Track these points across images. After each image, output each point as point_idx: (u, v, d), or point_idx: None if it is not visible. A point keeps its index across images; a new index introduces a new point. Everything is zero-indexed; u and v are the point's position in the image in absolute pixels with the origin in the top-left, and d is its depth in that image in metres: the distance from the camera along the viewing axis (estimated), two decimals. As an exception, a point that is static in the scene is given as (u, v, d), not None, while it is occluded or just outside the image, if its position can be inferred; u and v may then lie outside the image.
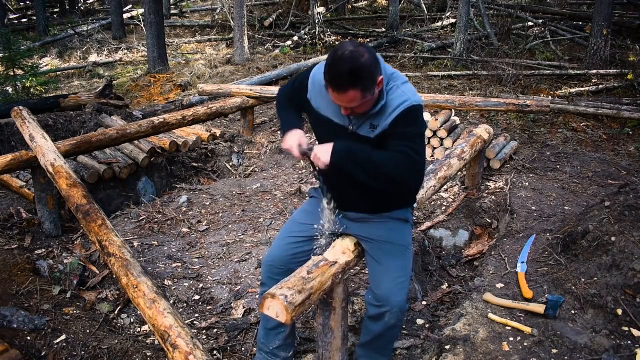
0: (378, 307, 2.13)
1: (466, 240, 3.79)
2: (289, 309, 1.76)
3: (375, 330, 2.20)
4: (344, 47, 1.82)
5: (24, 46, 9.73)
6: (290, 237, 2.28)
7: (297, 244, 2.25)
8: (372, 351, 2.31)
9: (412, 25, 12.13)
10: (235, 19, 9.53)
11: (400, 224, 2.21)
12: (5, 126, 5.22)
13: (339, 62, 1.79)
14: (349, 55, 1.78)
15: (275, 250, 2.28)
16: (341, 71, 1.78)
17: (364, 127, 1.99)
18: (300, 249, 2.24)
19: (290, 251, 2.24)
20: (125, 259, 2.42)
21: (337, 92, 1.83)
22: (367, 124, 1.98)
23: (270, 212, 4.09)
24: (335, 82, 1.81)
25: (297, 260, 2.21)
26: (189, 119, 4.96)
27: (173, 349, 1.89)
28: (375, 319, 2.16)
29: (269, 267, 2.27)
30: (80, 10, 16.71)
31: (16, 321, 2.60)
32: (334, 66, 1.80)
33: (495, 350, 2.30)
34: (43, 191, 3.71)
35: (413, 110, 1.93)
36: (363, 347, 2.34)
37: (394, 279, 2.10)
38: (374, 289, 2.15)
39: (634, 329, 2.33)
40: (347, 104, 1.87)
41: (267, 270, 2.28)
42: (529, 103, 4.57)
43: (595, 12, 7.65)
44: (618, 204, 2.89)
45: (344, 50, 1.80)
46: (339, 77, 1.79)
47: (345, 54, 1.79)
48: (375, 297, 2.14)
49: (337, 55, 1.80)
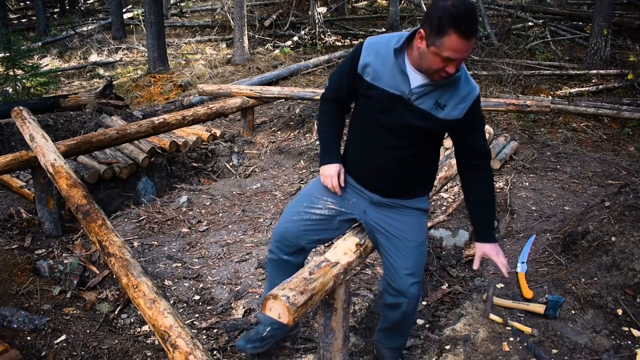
0: (395, 297, 2.19)
1: (466, 240, 3.78)
2: (291, 309, 1.76)
3: (393, 317, 2.27)
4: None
5: (24, 46, 9.72)
6: (305, 212, 2.25)
7: (312, 222, 2.24)
8: (392, 333, 2.40)
9: (412, 25, 12.12)
10: (235, 19, 9.53)
11: (419, 216, 2.22)
12: (5, 126, 5.22)
13: (466, 8, 1.75)
14: (468, 2, 1.77)
15: (289, 223, 2.26)
16: (474, 16, 1.77)
17: (426, 101, 1.96)
18: (313, 226, 2.24)
19: (302, 227, 2.23)
20: (125, 259, 2.42)
21: (466, 38, 1.77)
22: (432, 99, 1.96)
23: (270, 212, 4.09)
24: (467, 27, 1.76)
25: (307, 237, 2.24)
26: (189, 119, 4.96)
27: (173, 349, 1.89)
28: (393, 307, 2.23)
29: (280, 237, 2.27)
30: (80, 10, 16.71)
31: (16, 321, 2.60)
32: (464, 11, 1.75)
33: (495, 350, 2.30)
34: (43, 191, 3.70)
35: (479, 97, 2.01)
36: (382, 331, 2.42)
37: (409, 274, 2.14)
38: (389, 281, 2.18)
39: (634, 329, 2.33)
40: (466, 53, 1.82)
41: (276, 240, 2.28)
42: (529, 103, 4.57)
43: (595, 12, 7.65)
44: (618, 204, 2.89)
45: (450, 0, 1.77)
46: (472, 22, 1.77)
47: (465, 1, 1.76)
48: (392, 287, 2.18)
49: (451, 5, 1.75)
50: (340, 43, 10.94)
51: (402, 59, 1.96)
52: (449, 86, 1.95)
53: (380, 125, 2.05)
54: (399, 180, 2.14)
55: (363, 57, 2.01)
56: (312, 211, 2.24)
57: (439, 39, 1.79)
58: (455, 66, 1.85)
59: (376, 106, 2.03)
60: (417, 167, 2.15)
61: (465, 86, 1.97)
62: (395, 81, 1.96)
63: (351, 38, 11.28)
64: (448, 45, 1.78)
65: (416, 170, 2.15)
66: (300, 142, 5.53)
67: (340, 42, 11.04)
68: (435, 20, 1.78)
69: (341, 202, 2.24)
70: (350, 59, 2.08)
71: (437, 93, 1.95)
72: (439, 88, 1.95)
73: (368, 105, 2.07)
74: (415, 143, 2.06)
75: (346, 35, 11.47)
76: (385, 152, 2.09)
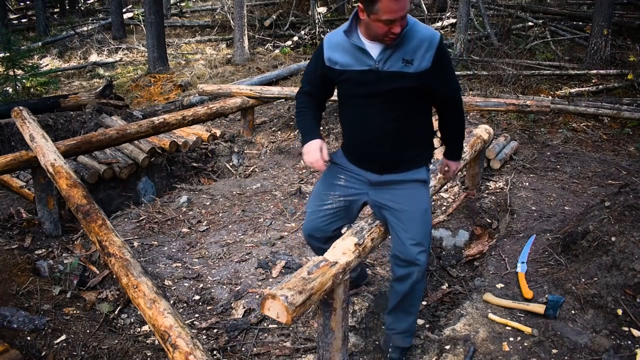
0: (404, 268, 2.30)
1: (466, 240, 3.78)
2: (290, 309, 1.76)
3: (403, 289, 2.36)
4: None
5: (24, 46, 9.72)
6: (319, 210, 2.43)
7: (329, 216, 2.41)
8: (401, 312, 2.46)
9: (412, 25, 12.12)
10: (235, 19, 9.54)
11: (418, 187, 2.34)
12: (5, 126, 5.22)
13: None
14: None
15: (309, 222, 2.47)
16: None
17: (394, 63, 2.08)
18: (332, 218, 2.42)
19: (323, 222, 2.42)
20: (125, 259, 2.42)
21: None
22: (397, 58, 2.08)
23: (270, 212, 4.09)
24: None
25: (330, 228, 2.42)
26: (189, 119, 4.96)
27: (173, 349, 1.89)
28: (403, 279, 2.33)
29: (308, 234, 2.49)
30: (80, 10, 16.71)
31: (16, 321, 2.60)
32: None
33: (495, 350, 2.30)
34: (43, 191, 3.70)
35: (443, 42, 2.10)
36: (391, 313, 2.50)
37: (415, 244, 2.24)
38: (398, 253, 2.29)
39: (634, 329, 2.33)
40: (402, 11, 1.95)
41: (307, 236, 2.51)
42: (529, 103, 4.57)
43: (595, 12, 7.65)
44: (618, 204, 2.89)
45: None
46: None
47: None
48: (400, 259, 2.29)
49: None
50: (340, 43, 10.93)
51: (355, 37, 2.11)
52: (407, 41, 2.06)
53: (362, 100, 2.20)
54: (391, 152, 2.27)
55: (326, 52, 2.20)
56: (325, 207, 2.41)
57: (374, 6, 1.94)
58: (399, 25, 1.98)
59: (353, 86, 2.18)
60: (406, 134, 2.26)
61: (425, 35, 2.08)
62: (359, 59, 2.12)
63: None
64: (383, 9, 1.92)
65: (406, 138, 2.26)
66: (300, 142, 5.53)
67: None
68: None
69: (346, 192, 2.40)
70: (315, 56, 2.28)
71: (400, 52, 2.07)
72: (398, 47, 2.07)
73: (345, 88, 2.24)
74: (398, 107, 2.18)
75: (346, 35, 11.45)
76: (373, 124, 2.22)
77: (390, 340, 2.52)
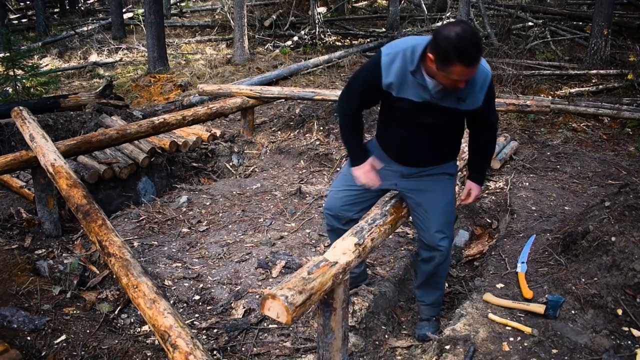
0: (428, 252, 2.54)
1: (466, 240, 3.78)
2: (290, 309, 1.76)
3: (428, 269, 2.62)
4: (451, 29, 1.95)
5: (24, 46, 9.72)
6: (344, 189, 2.60)
7: (352, 197, 2.59)
8: (429, 287, 2.73)
9: (412, 25, 12.13)
10: (235, 19, 9.54)
11: (445, 180, 2.52)
12: (5, 126, 5.22)
13: (469, 38, 1.93)
14: (470, 31, 1.95)
15: (331, 200, 2.65)
16: (476, 46, 1.95)
17: (448, 100, 2.20)
18: (355, 200, 2.59)
19: (346, 202, 2.60)
20: (125, 259, 2.42)
21: (471, 66, 1.98)
22: (453, 96, 2.19)
23: (270, 212, 4.09)
24: (471, 58, 1.95)
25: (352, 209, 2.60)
26: (189, 119, 4.96)
27: (173, 349, 1.89)
28: (427, 261, 2.58)
29: (328, 211, 2.66)
30: (80, 10, 16.72)
31: (16, 321, 2.60)
32: (467, 43, 1.93)
33: (495, 350, 2.30)
34: (43, 191, 3.71)
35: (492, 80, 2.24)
36: (420, 287, 2.78)
37: (438, 231, 2.45)
38: (422, 239, 2.53)
39: (634, 329, 2.33)
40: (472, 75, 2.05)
41: (327, 214, 2.67)
42: (529, 103, 4.57)
43: (595, 12, 7.65)
44: (618, 204, 2.89)
45: (455, 30, 1.94)
46: (476, 52, 1.96)
47: (460, 32, 1.93)
48: (424, 244, 2.53)
49: (454, 37, 1.92)
50: (340, 43, 10.94)
51: (420, 75, 2.16)
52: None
53: (411, 123, 2.32)
54: (427, 155, 2.45)
55: (384, 78, 2.21)
56: (351, 189, 2.58)
57: (447, 68, 1.99)
58: (465, 82, 2.07)
59: (406, 111, 2.27)
60: (445, 144, 2.46)
61: (479, 75, 2.16)
62: (417, 92, 2.20)
63: (351, 38, 11.27)
64: (455, 72, 1.99)
65: (444, 146, 2.46)
66: (300, 142, 5.53)
67: (340, 42, 11.04)
68: (441, 51, 1.97)
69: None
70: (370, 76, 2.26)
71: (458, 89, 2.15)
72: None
73: (398, 110, 2.31)
74: (443, 130, 2.37)
75: (346, 35, 11.46)
76: (416, 139, 2.38)
77: (421, 310, 2.83)
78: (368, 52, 9.80)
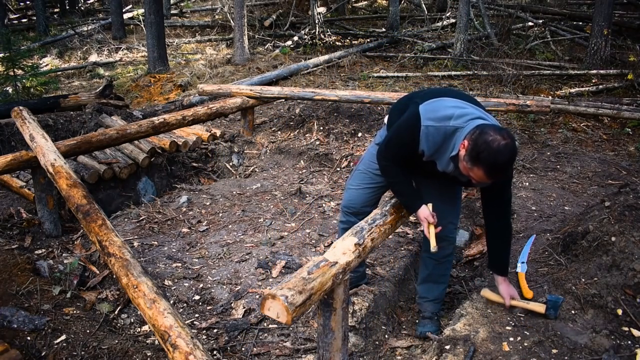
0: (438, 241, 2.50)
1: (466, 240, 3.79)
2: (290, 309, 1.76)
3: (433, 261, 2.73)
4: (496, 137, 1.99)
5: (24, 46, 9.72)
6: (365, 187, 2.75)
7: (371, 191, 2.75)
8: (432, 282, 2.81)
9: (412, 25, 12.13)
10: (235, 19, 9.54)
11: None
12: (5, 126, 5.22)
13: (507, 157, 2.00)
14: (512, 149, 2.01)
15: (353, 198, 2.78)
16: (502, 163, 2.02)
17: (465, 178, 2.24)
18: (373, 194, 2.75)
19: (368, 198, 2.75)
20: (125, 259, 2.42)
21: (493, 179, 2.07)
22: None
23: (270, 212, 4.09)
24: (498, 173, 2.05)
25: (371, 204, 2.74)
26: (189, 119, 4.96)
27: (173, 349, 1.89)
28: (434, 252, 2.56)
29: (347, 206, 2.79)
30: (80, 10, 16.72)
31: (16, 321, 2.60)
32: (503, 161, 2.00)
33: (495, 350, 2.30)
34: (43, 191, 3.70)
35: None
36: (423, 283, 2.85)
37: (448, 222, 2.57)
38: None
39: (634, 329, 2.33)
40: (489, 183, 2.15)
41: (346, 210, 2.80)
42: (529, 103, 4.57)
43: (595, 12, 7.65)
44: (618, 204, 2.89)
45: (499, 143, 1.98)
46: (504, 170, 2.06)
47: (502, 146, 1.98)
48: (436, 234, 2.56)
49: (494, 149, 1.98)
50: (340, 43, 10.94)
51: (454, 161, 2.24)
52: None
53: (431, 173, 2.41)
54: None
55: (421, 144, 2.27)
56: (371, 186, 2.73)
57: (472, 164, 2.06)
58: (476, 182, 2.16)
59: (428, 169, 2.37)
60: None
61: None
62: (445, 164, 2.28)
63: (351, 38, 11.27)
64: (476, 173, 2.07)
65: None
66: (300, 142, 5.53)
67: (340, 42, 11.04)
68: (476, 149, 2.03)
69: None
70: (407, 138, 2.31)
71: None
72: None
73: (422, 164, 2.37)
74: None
75: (346, 35, 11.46)
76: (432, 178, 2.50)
77: (422, 307, 2.87)
78: (368, 52, 9.80)
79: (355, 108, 5.71)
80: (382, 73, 8.34)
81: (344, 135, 5.43)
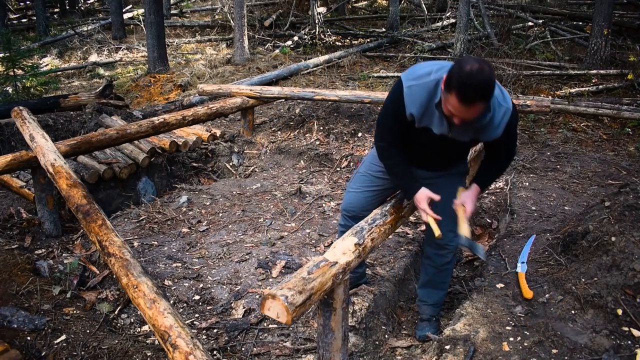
0: (437, 249, 2.63)
1: (466, 240, 3.78)
2: (290, 309, 1.76)
3: (434, 269, 2.71)
4: (469, 62, 1.93)
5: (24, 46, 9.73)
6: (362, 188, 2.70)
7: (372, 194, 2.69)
8: (432, 288, 2.78)
9: (412, 25, 12.13)
10: (235, 19, 9.54)
11: (458, 177, 2.60)
12: (5, 126, 5.22)
13: (476, 79, 1.90)
14: (485, 75, 1.91)
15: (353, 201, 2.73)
16: (473, 86, 1.91)
17: (466, 134, 2.24)
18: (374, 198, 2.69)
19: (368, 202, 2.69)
20: (125, 259, 2.42)
21: (464, 104, 1.96)
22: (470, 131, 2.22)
23: (270, 212, 4.09)
24: (466, 95, 1.93)
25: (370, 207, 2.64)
26: (189, 119, 4.96)
27: (173, 349, 1.89)
28: (434, 259, 2.67)
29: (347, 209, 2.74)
30: (80, 10, 16.72)
31: (16, 321, 2.60)
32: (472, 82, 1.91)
33: (495, 350, 2.30)
34: (43, 191, 3.70)
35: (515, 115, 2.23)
36: (423, 287, 2.83)
37: (450, 230, 2.50)
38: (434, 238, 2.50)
39: (634, 329, 2.33)
40: (469, 116, 2.02)
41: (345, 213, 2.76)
42: (529, 103, 4.57)
43: (595, 12, 7.65)
44: (618, 204, 2.89)
45: (471, 66, 1.91)
46: (473, 93, 1.92)
47: (474, 69, 1.91)
48: (435, 244, 2.61)
49: (465, 71, 1.91)
50: (340, 43, 10.94)
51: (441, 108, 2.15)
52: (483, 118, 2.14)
53: (430, 147, 2.38)
54: (445, 164, 2.54)
55: (408, 109, 2.22)
56: (371, 189, 2.69)
57: (446, 92, 2.01)
58: (458, 120, 2.06)
59: (425, 138, 2.31)
60: (462, 154, 2.55)
61: (498, 116, 2.17)
62: (439, 124, 2.22)
63: (351, 38, 11.27)
64: (451, 102, 2.00)
65: (461, 155, 2.56)
66: (300, 142, 5.53)
67: (340, 42, 11.04)
68: (450, 76, 1.97)
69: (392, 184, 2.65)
70: (392, 109, 2.30)
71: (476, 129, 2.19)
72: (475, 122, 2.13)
73: (418, 135, 2.33)
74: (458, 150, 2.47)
75: (346, 35, 11.46)
76: (435, 155, 2.47)
77: (421, 310, 2.86)
78: (368, 52, 9.80)
79: (355, 108, 5.72)
80: (382, 73, 8.35)
81: (344, 135, 5.43)
